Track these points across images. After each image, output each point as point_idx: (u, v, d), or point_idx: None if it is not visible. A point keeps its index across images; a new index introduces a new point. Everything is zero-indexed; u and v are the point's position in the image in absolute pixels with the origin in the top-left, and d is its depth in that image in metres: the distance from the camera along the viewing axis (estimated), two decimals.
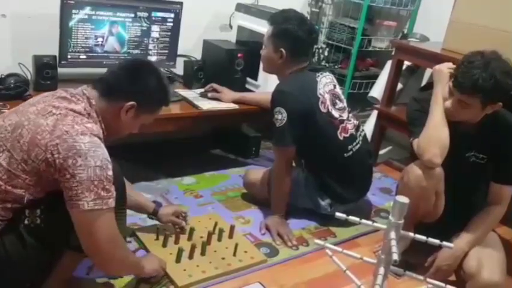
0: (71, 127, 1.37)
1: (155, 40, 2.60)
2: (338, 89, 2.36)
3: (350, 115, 2.34)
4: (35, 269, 1.50)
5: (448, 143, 1.82)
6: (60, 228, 1.41)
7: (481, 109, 1.79)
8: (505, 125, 1.89)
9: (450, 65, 1.92)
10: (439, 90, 1.89)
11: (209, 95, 2.57)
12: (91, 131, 1.40)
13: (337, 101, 2.28)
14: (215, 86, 2.61)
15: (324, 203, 2.30)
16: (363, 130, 2.42)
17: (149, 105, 1.60)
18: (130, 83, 1.53)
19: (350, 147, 2.26)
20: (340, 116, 2.25)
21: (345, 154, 2.25)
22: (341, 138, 2.24)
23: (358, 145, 2.30)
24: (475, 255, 1.87)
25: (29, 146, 1.37)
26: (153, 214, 2.00)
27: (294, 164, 2.32)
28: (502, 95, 1.76)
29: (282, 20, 2.21)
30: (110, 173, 1.39)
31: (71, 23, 2.32)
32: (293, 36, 2.18)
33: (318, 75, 2.26)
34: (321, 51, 3.41)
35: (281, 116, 2.11)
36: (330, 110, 2.22)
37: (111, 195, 1.38)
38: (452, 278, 1.97)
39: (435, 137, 1.83)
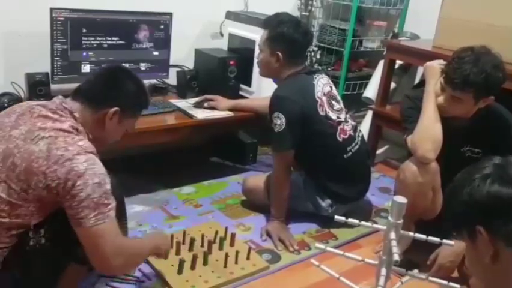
0: (65, 149, 1.37)
1: (146, 51, 2.60)
2: (334, 91, 2.37)
3: (347, 116, 2.35)
4: (41, 286, 1.51)
5: (441, 138, 1.83)
6: (65, 243, 1.44)
7: (473, 104, 1.80)
8: (498, 118, 1.90)
9: (441, 61, 1.93)
10: (431, 86, 1.90)
11: (205, 104, 2.57)
12: (84, 149, 1.40)
13: (334, 102, 2.29)
14: (209, 97, 2.60)
15: (325, 203, 2.29)
16: (360, 131, 2.42)
17: (131, 108, 1.60)
18: (110, 89, 1.54)
19: (349, 148, 2.27)
20: (338, 117, 2.26)
21: (344, 155, 2.25)
22: (340, 139, 2.24)
23: (357, 146, 2.30)
24: None
25: (27, 175, 1.36)
26: None
27: (292, 168, 2.32)
28: (493, 88, 1.77)
29: (277, 23, 2.22)
30: (108, 186, 1.40)
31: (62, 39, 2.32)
32: (289, 38, 2.19)
33: (315, 78, 2.27)
34: (313, 54, 3.42)
35: (280, 121, 2.12)
36: (327, 112, 2.22)
37: (111, 208, 1.40)
38: (455, 274, 1.97)
39: (428, 133, 1.84)
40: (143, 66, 2.61)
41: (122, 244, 1.46)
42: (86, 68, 2.43)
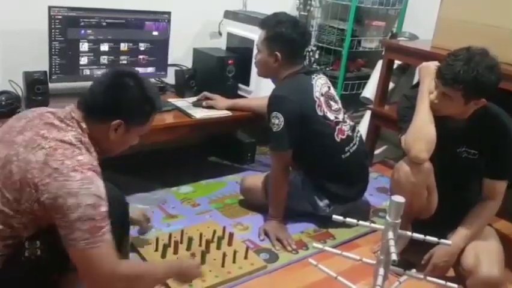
0: (61, 163, 1.31)
1: (145, 50, 2.60)
2: (333, 91, 2.37)
3: (346, 116, 2.35)
4: None
5: (434, 138, 1.83)
6: (61, 255, 1.38)
7: (463, 103, 1.79)
8: (494, 119, 1.89)
9: (436, 62, 1.92)
10: (425, 86, 1.90)
11: (203, 103, 2.57)
12: (82, 166, 1.34)
13: (332, 102, 2.29)
14: (207, 94, 2.61)
15: (323, 203, 2.29)
16: (358, 131, 2.43)
17: (137, 118, 1.52)
18: (112, 101, 1.45)
19: (347, 148, 2.27)
20: (336, 117, 2.26)
21: (342, 156, 2.26)
22: (338, 140, 2.24)
23: (355, 146, 2.30)
24: (472, 251, 1.87)
25: (21, 185, 1.32)
26: None
27: (290, 168, 2.32)
28: (484, 90, 1.75)
29: (275, 23, 2.21)
30: (104, 208, 1.34)
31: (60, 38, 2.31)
32: (287, 38, 2.18)
33: (314, 78, 2.27)
34: (311, 54, 3.42)
35: (278, 121, 2.12)
36: (325, 112, 2.22)
37: (105, 231, 1.33)
38: (451, 273, 1.98)
39: (420, 133, 1.84)
40: (141, 65, 2.61)
41: (120, 270, 1.38)
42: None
